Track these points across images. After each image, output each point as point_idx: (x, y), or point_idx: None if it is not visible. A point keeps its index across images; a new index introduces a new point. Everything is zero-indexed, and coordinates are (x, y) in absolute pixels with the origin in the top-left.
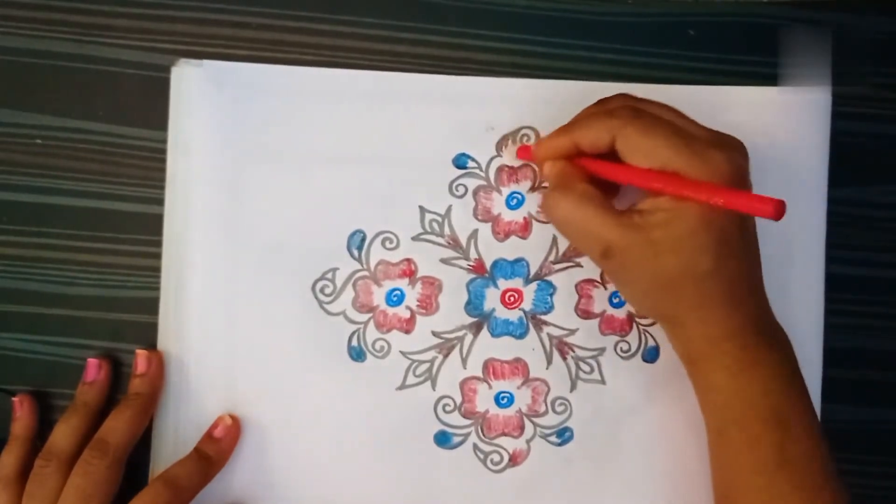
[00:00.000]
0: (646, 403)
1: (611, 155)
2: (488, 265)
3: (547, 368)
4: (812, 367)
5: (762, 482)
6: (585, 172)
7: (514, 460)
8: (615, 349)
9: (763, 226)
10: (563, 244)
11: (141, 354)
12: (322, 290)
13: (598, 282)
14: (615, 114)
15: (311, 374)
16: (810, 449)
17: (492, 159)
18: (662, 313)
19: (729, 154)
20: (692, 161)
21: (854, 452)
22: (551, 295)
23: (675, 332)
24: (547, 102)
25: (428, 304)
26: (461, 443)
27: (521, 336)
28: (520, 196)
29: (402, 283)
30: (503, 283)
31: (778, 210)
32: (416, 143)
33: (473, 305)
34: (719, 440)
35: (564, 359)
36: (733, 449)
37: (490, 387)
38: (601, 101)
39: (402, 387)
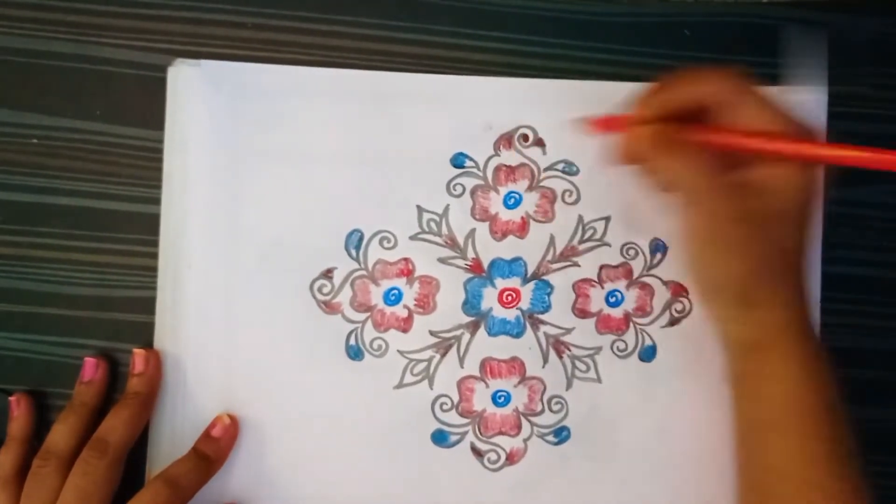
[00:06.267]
0: (642, 402)
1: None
2: (486, 264)
3: (543, 367)
4: None
5: (815, 476)
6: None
7: (511, 459)
8: (611, 348)
9: None
10: (561, 244)
11: (138, 354)
12: (320, 290)
13: (594, 281)
14: (726, 75)
15: (309, 373)
16: (856, 446)
17: (489, 158)
18: (741, 292)
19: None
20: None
21: None
22: (549, 294)
23: (743, 315)
24: (546, 101)
25: (425, 304)
26: (458, 441)
27: (518, 335)
28: (517, 195)
29: (400, 283)
30: (500, 283)
31: None
32: (414, 143)
33: (471, 305)
34: (771, 432)
35: (560, 357)
36: (789, 442)
37: (487, 386)
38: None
39: (400, 385)
